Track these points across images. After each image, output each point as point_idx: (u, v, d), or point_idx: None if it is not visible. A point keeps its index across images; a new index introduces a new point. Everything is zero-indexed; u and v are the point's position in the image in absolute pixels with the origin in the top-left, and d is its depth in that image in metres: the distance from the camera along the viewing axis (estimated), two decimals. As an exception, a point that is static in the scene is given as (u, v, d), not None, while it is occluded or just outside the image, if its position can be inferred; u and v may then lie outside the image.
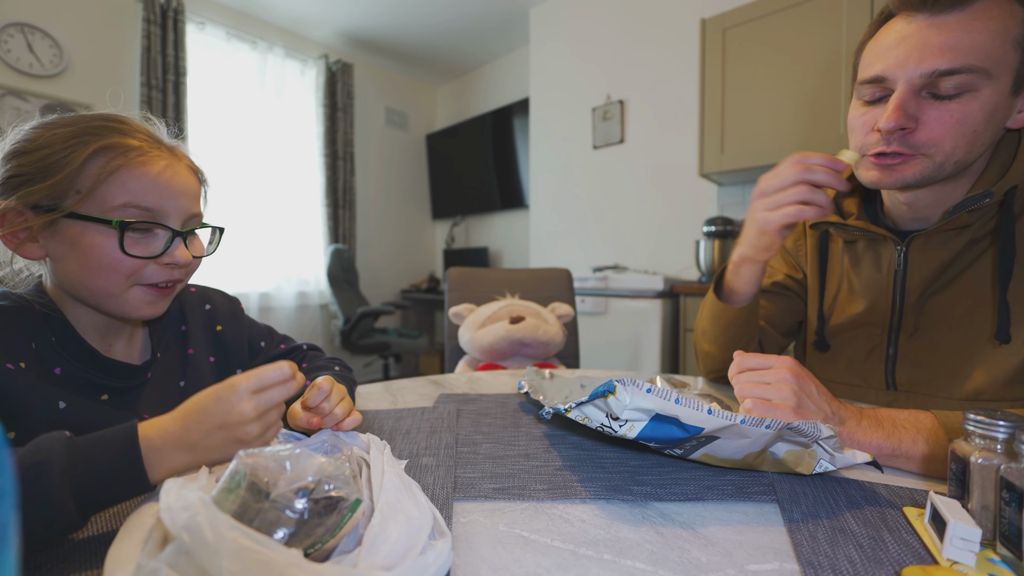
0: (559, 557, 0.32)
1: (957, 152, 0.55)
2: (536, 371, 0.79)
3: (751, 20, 1.91)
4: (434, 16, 3.23)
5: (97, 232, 0.47)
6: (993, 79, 0.52)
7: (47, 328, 0.48)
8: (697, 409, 0.38)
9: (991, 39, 0.51)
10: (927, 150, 0.56)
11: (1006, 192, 0.57)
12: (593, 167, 2.85)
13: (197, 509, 0.26)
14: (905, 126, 0.55)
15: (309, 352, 0.72)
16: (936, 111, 0.54)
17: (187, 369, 0.60)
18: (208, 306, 0.65)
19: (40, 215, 0.46)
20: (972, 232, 0.61)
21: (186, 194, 0.52)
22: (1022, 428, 0.30)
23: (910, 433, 0.47)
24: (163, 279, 0.51)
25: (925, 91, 0.54)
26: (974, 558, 0.30)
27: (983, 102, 0.53)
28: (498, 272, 1.56)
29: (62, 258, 0.48)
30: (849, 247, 0.74)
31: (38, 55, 2.41)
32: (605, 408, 0.42)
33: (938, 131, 0.54)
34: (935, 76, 0.52)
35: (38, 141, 0.46)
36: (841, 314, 0.74)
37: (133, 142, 0.48)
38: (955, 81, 0.52)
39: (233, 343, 0.65)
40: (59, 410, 0.45)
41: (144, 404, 0.54)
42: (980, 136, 0.55)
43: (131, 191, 0.47)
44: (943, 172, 0.57)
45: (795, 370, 0.49)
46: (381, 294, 3.99)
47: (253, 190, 3.14)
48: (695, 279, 2.28)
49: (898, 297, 0.67)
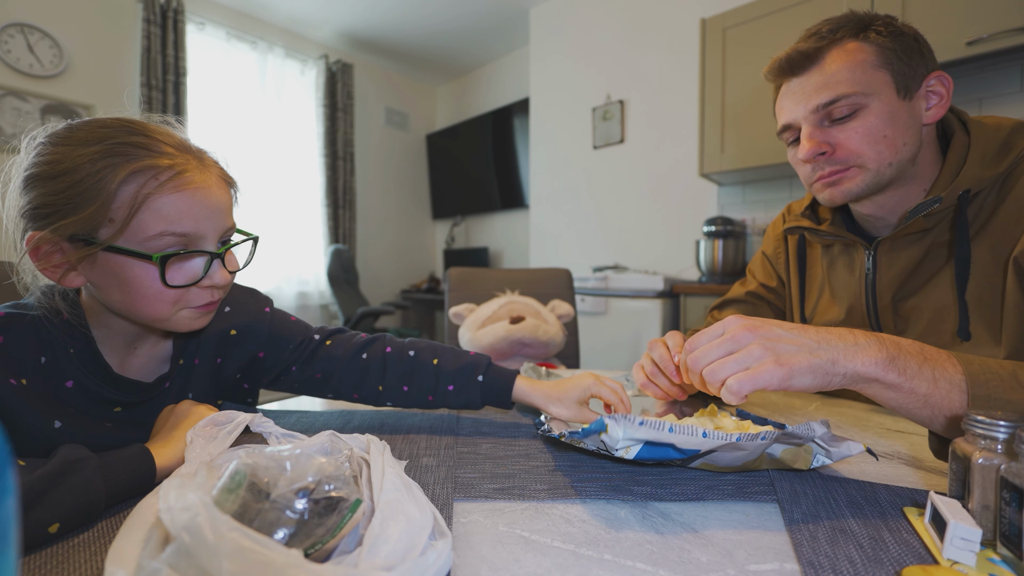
0: (559, 557, 0.32)
1: (883, 156, 0.61)
2: (534, 369, 0.79)
3: (751, 20, 1.91)
4: (434, 16, 3.23)
5: (136, 265, 0.45)
6: (873, 95, 0.60)
7: (67, 339, 0.48)
8: (692, 434, 0.38)
9: (851, 71, 0.60)
10: (853, 161, 0.62)
11: (959, 196, 0.59)
12: (593, 167, 2.85)
13: (197, 510, 0.26)
14: (822, 151, 0.63)
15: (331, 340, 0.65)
16: (842, 132, 0.62)
17: (193, 379, 0.59)
18: (227, 308, 0.62)
19: (78, 247, 0.44)
20: (934, 236, 0.63)
21: (220, 211, 0.50)
22: (1022, 428, 0.30)
23: (916, 360, 0.42)
24: (206, 300, 0.51)
25: (825, 121, 0.63)
26: (974, 558, 0.30)
27: (877, 113, 0.60)
28: (498, 272, 1.56)
29: (104, 287, 0.47)
30: (827, 251, 0.77)
31: (38, 55, 2.41)
32: (599, 441, 0.42)
33: (853, 144, 0.61)
34: (821, 108, 0.62)
35: (63, 164, 0.43)
36: (824, 317, 0.76)
37: (164, 161, 0.46)
38: (841, 105, 0.60)
39: (240, 348, 0.62)
40: (54, 429, 0.45)
41: (155, 414, 0.54)
42: (894, 139, 0.60)
43: (166, 218, 0.45)
44: (884, 177, 0.62)
45: (748, 323, 0.44)
46: (381, 294, 3.99)
47: (253, 190, 3.14)
48: (695, 279, 2.28)
49: (871, 300, 0.69)
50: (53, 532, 0.34)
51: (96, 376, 0.49)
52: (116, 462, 0.40)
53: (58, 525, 0.34)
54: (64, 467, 0.36)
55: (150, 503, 0.31)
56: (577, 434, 0.43)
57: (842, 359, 0.41)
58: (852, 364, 0.41)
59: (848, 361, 0.41)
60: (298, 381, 0.64)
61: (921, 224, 0.61)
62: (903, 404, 0.43)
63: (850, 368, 0.41)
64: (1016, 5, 1.40)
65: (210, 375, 0.60)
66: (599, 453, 0.45)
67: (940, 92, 0.62)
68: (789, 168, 1.94)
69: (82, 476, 0.36)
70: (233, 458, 0.31)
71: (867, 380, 0.42)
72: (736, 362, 0.41)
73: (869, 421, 0.63)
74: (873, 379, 0.41)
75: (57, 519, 0.34)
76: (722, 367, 0.42)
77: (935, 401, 0.41)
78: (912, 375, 0.41)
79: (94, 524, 0.37)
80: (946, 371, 0.42)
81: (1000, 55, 1.49)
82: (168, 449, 0.44)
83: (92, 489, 0.36)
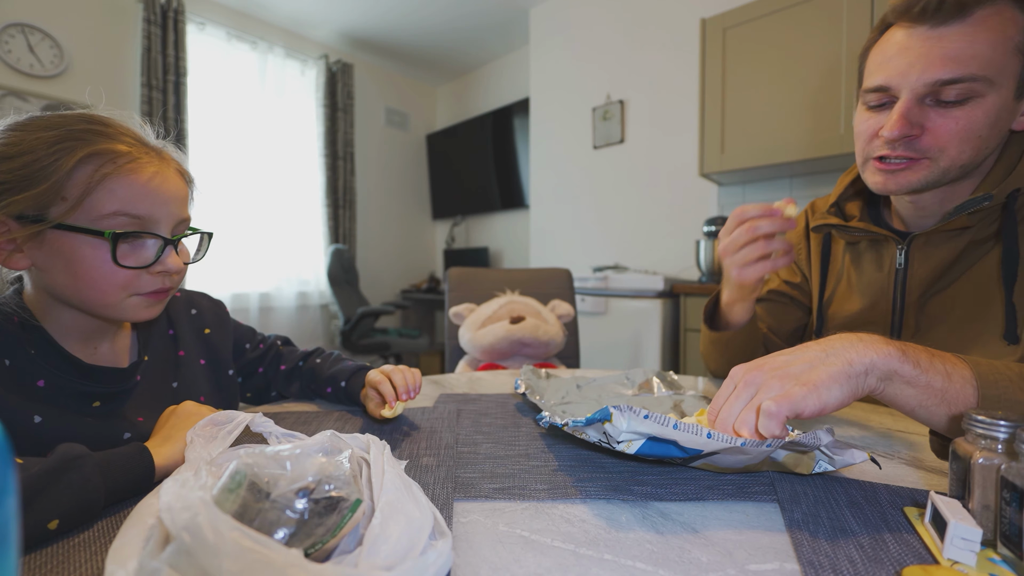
0: (559, 557, 0.32)
1: (963, 157, 0.56)
2: (533, 370, 0.79)
3: (751, 20, 1.91)
4: (434, 16, 3.23)
5: (87, 244, 0.45)
6: (996, 86, 0.53)
7: (25, 341, 0.47)
8: (696, 433, 0.38)
9: (992, 48, 0.51)
10: (932, 154, 0.57)
11: (1008, 195, 0.57)
12: (593, 167, 2.85)
13: (198, 509, 0.26)
14: (909, 134, 0.56)
15: (285, 348, 0.76)
16: (941, 118, 0.54)
17: (179, 371, 0.60)
18: (194, 311, 0.66)
19: (25, 226, 0.44)
20: (974, 233, 0.61)
21: (176, 199, 0.51)
22: (1023, 428, 0.30)
23: (925, 354, 0.41)
24: (157, 287, 0.50)
25: (929, 99, 0.55)
26: (975, 558, 0.30)
27: (987, 108, 0.53)
28: (498, 272, 1.56)
29: (50, 269, 0.46)
30: (851, 248, 0.75)
31: (39, 56, 2.41)
32: (602, 432, 0.42)
33: (944, 137, 0.55)
34: (938, 85, 0.53)
35: (20, 146, 0.44)
36: (841, 313, 0.75)
37: (121, 147, 0.47)
38: (958, 89, 0.52)
39: (221, 346, 0.67)
40: (35, 424, 0.45)
41: (136, 407, 0.54)
42: (985, 141, 0.55)
43: (121, 199, 0.46)
44: (947, 176, 0.58)
45: (752, 365, 0.43)
46: (381, 294, 3.99)
47: (253, 190, 3.14)
48: (695, 279, 2.28)
49: (899, 296, 0.67)
50: (53, 528, 0.34)
51: (64, 372, 0.49)
52: (114, 460, 0.40)
53: (57, 522, 0.34)
54: (62, 464, 0.36)
55: (150, 503, 0.31)
56: (580, 422, 0.43)
57: (856, 357, 0.40)
58: (868, 358, 0.40)
59: (863, 356, 0.40)
60: (265, 379, 0.73)
61: (963, 221, 0.59)
62: (923, 403, 0.41)
63: (867, 362, 0.39)
64: None
65: (204, 376, 0.62)
66: (600, 446, 0.45)
67: None
68: (790, 168, 1.94)
69: (80, 473, 0.36)
70: (233, 458, 0.31)
71: (888, 374, 0.40)
72: (760, 402, 0.40)
73: (869, 421, 0.63)
74: (892, 371, 0.40)
75: (56, 515, 0.34)
76: (751, 414, 0.40)
77: (951, 396, 0.40)
78: (926, 367, 0.40)
79: (94, 523, 0.36)
80: (956, 366, 0.41)
81: None
82: (167, 448, 0.44)
83: (91, 487, 0.36)
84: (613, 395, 0.72)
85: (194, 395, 0.60)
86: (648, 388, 0.73)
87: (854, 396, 0.40)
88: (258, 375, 0.72)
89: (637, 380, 0.76)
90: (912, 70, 0.54)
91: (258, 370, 0.72)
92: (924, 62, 0.53)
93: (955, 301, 0.63)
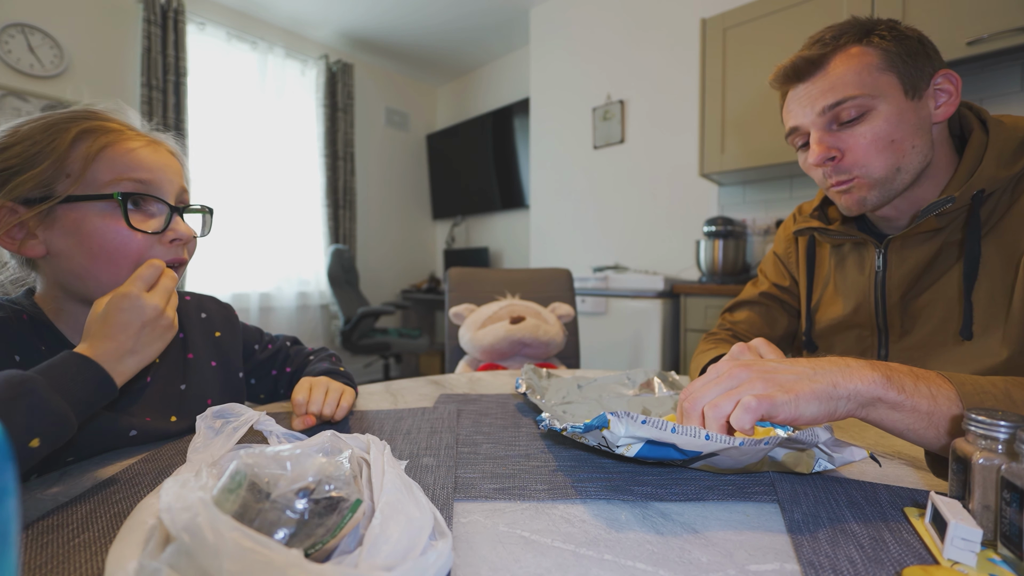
0: (560, 557, 0.32)
1: (891, 162, 0.61)
2: (534, 369, 0.79)
3: (751, 20, 1.91)
4: (434, 16, 3.23)
5: (98, 214, 0.46)
6: (880, 97, 0.60)
7: (35, 338, 0.48)
8: (694, 436, 0.38)
9: (857, 74, 0.60)
10: (859, 171, 0.63)
11: (973, 195, 0.58)
12: (593, 167, 2.85)
13: (198, 510, 0.26)
14: (831, 156, 0.63)
15: (292, 349, 0.77)
16: (851, 137, 0.62)
17: (188, 373, 0.60)
18: (204, 314, 0.67)
19: (33, 207, 0.45)
20: (946, 235, 0.63)
21: (171, 168, 0.53)
22: (1023, 428, 0.30)
23: (910, 378, 0.42)
24: (170, 258, 0.51)
25: (833, 124, 0.63)
26: (975, 558, 0.30)
27: (886, 115, 0.60)
28: (498, 272, 1.56)
29: (65, 251, 0.47)
30: (836, 251, 0.77)
31: (39, 56, 2.41)
32: (600, 437, 0.42)
33: (860, 152, 0.62)
34: (828, 110, 0.62)
35: (16, 135, 0.46)
36: (828, 315, 0.76)
37: (113, 125, 0.50)
38: (848, 107, 0.61)
39: (231, 347, 0.68)
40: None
41: (144, 407, 0.54)
42: (902, 143, 0.60)
43: (123, 165, 0.48)
44: (896, 184, 0.62)
45: (743, 362, 0.44)
46: (381, 294, 3.99)
47: (254, 190, 3.14)
48: (695, 279, 2.28)
49: (880, 298, 0.69)
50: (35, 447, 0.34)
51: None
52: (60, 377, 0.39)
53: (38, 440, 0.34)
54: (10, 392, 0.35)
55: (150, 503, 0.31)
56: (579, 428, 0.43)
57: (842, 381, 0.41)
58: (852, 384, 0.40)
59: (848, 382, 0.40)
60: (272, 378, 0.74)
61: (933, 223, 0.61)
62: (909, 425, 0.41)
63: (851, 388, 0.40)
64: (1016, 5, 1.40)
65: (214, 378, 0.62)
66: (599, 449, 0.45)
67: (948, 90, 0.61)
68: (789, 168, 1.95)
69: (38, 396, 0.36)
70: (233, 458, 0.31)
71: (870, 400, 0.41)
72: (739, 395, 0.40)
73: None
74: (876, 398, 0.41)
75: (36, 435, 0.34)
76: (726, 401, 0.40)
77: (938, 418, 0.41)
78: (911, 392, 0.41)
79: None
80: (941, 387, 0.41)
81: (1000, 55, 1.49)
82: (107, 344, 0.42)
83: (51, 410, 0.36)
84: (614, 395, 0.72)
85: (202, 397, 0.60)
86: (649, 388, 0.73)
87: (829, 417, 0.41)
88: (270, 377, 0.74)
89: (638, 380, 0.76)
90: (805, 108, 0.64)
91: (271, 372, 0.74)
92: (810, 99, 0.64)
93: (937, 302, 0.65)
